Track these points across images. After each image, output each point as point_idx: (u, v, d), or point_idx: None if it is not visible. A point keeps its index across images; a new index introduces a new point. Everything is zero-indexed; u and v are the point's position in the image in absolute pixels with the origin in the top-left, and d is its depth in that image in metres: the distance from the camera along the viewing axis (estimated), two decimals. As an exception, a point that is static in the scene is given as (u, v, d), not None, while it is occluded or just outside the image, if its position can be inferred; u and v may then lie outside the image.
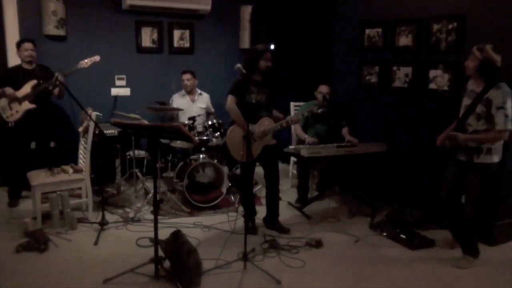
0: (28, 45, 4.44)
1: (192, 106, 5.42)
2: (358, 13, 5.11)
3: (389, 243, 3.97)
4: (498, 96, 3.16)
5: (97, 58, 4.50)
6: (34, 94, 4.39)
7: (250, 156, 3.62)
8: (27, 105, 4.40)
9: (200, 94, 5.53)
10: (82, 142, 4.34)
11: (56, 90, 4.46)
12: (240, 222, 4.13)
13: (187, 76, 5.38)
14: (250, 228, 4.08)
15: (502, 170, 3.80)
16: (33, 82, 4.41)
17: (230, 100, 3.88)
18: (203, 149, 4.77)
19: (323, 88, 4.84)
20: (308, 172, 4.88)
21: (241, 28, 6.16)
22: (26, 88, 4.40)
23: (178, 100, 5.43)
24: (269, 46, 3.94)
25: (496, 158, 3.33)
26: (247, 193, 4.11)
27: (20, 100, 4.37)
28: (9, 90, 4.33)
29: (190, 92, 5.45)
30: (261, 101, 3.94)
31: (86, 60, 4.45)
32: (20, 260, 3.47)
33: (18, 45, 4.48)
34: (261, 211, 4.34)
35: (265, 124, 3.92)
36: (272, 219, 4.23)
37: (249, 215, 4.13)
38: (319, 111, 4.16)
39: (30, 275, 3.25)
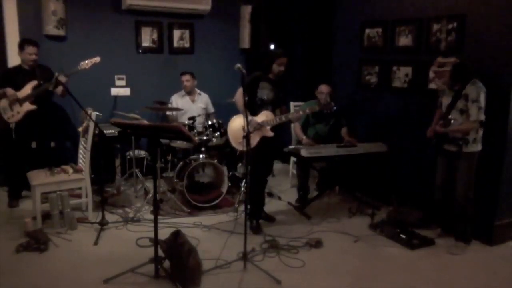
0: (32, 50, 4.41)
1: (192, 106, 5.42)
2: (358, 13, 5.11)
3: (389, 243, 3.97)
4: (473, 91, 3.58)
5: (97, 59, 4.48)
6: (34, 95, 4.39)
7: (249, 149, 3.74)
8: (28, 106, 4.39)
9: (200, 94, 5.53)
10: (82, 142, 4.34)
11: (59, 89, 4.45)
12: (241, 221, 4.13)
13: (186, 77, 5.38)
14: (254, 226, 4.09)
15: (501, 171, 3.83)
16: (34, 82, 4.41)
17: (239, 92, 4.04)
18: (203, 149, 4.77)
19: (324, 88, 4.83)
20: (308, 172, 4.88)
21: (241, 27, 6.16)
22: (27, 89, 4.39)
23: (178, 101, 5.43)
24: (285, 52, 4.02)
25: (480, 147, 3.71)
26: (254, 190, 4.09)
27: (21, 101, 4.37)
28: (10, 91, 4.32)
29: (189, 92, 5.45)
30: (271, 99, 4.02)
31: (86, 62, 4.43)
32: (20, 260, 3.47)
33: (22, 45, 4.44)
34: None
35: (264, 116, 3.98)
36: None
37: (254, 213, 4.14)
38: (317, 109, 4.18)
39: (30, 275, 3.25)
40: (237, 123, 4.09)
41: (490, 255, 3.80)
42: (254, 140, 3.93)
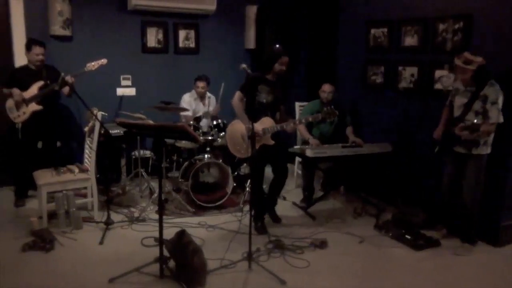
0: (39, 50, 4.43)
1: (204, 109, 5.41)
2: (364, 12, 5.10)
3: (394, 243, 3.96)
4: (493, 93, 3.52)
5: (104, 61, 4.50)
6: (41, 96, 4.41)
7: (242, 153, 3.84)
8: (34, 107, 4.41)
9: (209, 97, 5.52)
10: (88, 142, 4.36)
11: (66, 89, 4.47)
12: (246, 221, 4.13)
13: (202, 84, 5.30)
14: (259, 227, 4.09)
15: (507, 172, 3.81)
16: (40, 83, 4.43)
17: (237, 96, 4.01)
18: (208, 149, 4.78)
19: (326, 87, 4.83)
20: (313, 172, 4.87)
21: (246, 28, 6.16)
22: (33, 89, 4.41)
23: (191, 102, 5.40)
24: (286, 51, 3.97)
25: (489, 149, 3.67)
26: (256, 192, 4.10)
27: (27, 102, 4.39)
28: (16, 91, 4.34)
29: (201, 97, 5.44)
30: (270, 102, 3.98)
31: (93, 63, 4.45)
32: (26, 259, 3.49)
33: (29, 46, 4.45)
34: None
35: (265, 123, 3.94)
36: (268, 206, 4.29)
37: (258, 214, 4.13)
38: (320, 118, 4.12)
39: (35, 274, 3.27)
40: (235, 129, 4.05)
41: (496, 256, 3.78)
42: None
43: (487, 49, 3.82)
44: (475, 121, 3.51)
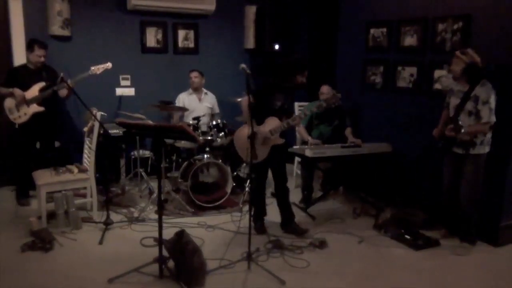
0: (42, 52, 4.42)
1: (199, 104, 5.44)
2: (363, 12, 5.10)
3: (393, 243, 3.96)
4: (483, 92, 3.52)
5: (109, 65, 4.49)
6: (42, 97, 4.40)
7: (255, 156, 3.67)
8: (35, 108, 4.39)
9: (206, 93, 5.54)
10: (87, 142, 4.35)
11: (63, 92, 4.46)
12: (245, 222, 4.13)
13: (194, 74, 5.41)
14: (258, 227, 4.08)
15: (507, 171, 3.81)
16: (41, 84, 4.41)
17: (246, 99, 3.88)
18: (207, 149, 4.78)
19: (324, 89, 4.84)
20: (313, 172, 4.87)
21: (245, 28, 6.16)
22: (34, 90, 4.39)
23: (185, 99, 5.44)
24: (307, 64, 3.96)
25: (487, 149, 3.68)
26: (256, 192, 4.09)
27: (28, 103, 4.37)
28: (18, 92, 4.32)
29: (196, 90, 5.46)
30: (279, 106, 3.96)
31: (98, 67, 4.44)
32: (25, 259, 3.49)
33: (31, 46, 4.43)
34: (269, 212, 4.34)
35: (271, 123, 3.92)
36: (288, 222, 4.16)
37: (258, 214, 4.13)
38: (324, 106, 4.10)
39: (35, 275, 3.26)
40: (244, 133, 3.88)
41: (495, 256, 3.79)
42: (266, 151, 3.86)
43: (486, 49, 3.81)
44: (460, 122, 3.56)
